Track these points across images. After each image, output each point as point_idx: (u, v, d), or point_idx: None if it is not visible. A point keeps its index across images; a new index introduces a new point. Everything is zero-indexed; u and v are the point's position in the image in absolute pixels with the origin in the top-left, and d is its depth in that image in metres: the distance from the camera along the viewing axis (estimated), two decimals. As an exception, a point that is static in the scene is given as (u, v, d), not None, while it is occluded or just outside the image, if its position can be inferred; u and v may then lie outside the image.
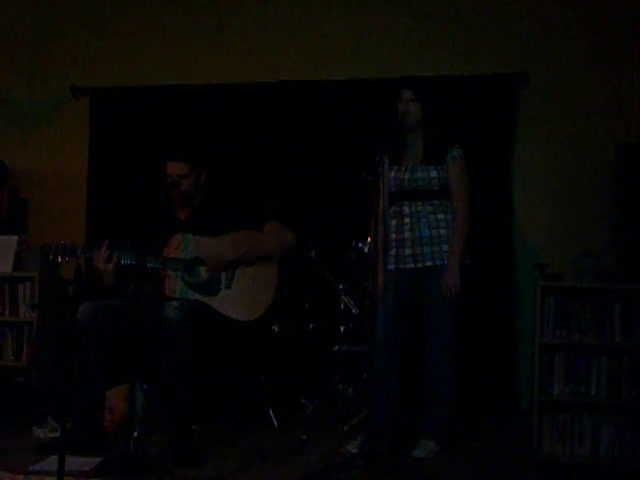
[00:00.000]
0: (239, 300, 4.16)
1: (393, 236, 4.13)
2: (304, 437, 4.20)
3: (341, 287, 4.77)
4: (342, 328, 4.76)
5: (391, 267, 4.11)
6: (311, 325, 4.87)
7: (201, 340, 3.94)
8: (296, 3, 5.61)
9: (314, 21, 5.57)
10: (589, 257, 4.85)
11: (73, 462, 3.49)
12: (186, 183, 4.28)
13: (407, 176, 4.11)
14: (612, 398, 4.70)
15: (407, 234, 4.10)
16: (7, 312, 5.33)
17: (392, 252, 4.13)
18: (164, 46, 5.73)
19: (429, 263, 4.07)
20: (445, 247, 4.06)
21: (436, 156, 4.11)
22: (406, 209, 4.11)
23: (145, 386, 4.39)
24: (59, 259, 4.04)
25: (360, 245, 4.74)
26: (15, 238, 5.35)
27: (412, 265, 4.10)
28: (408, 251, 4.10)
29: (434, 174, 4.07)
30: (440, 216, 4.08)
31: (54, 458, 3.25)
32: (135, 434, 3.90)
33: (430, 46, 5.39)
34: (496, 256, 5.13)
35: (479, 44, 5.34)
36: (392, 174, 4.16)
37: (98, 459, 3.64)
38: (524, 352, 5.09)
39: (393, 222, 4.14)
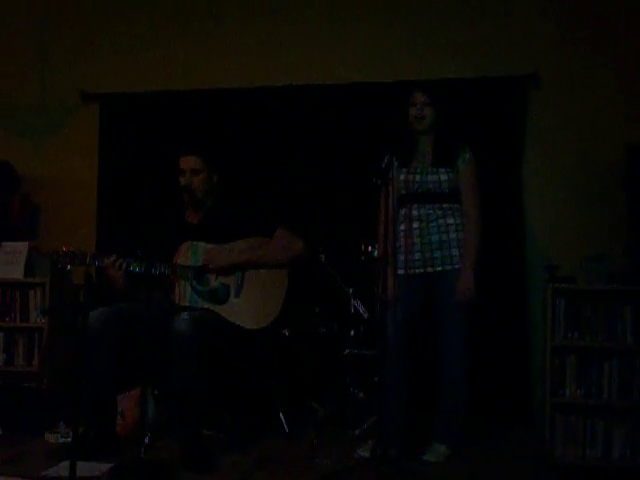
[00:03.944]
0: (248, 308, 4.17)
1: (402, 241, 4.12)
2: (315, 441, 4.20)
3: (351, 291, 4.76)
4: (352, 332, 4.75)
5: (401, 272, 4.10)
6: (321, 329, 4.86)
7: (211, 348, 3.94)
8: (304, 7, 5.61)
9: (323, 25, 5.56)
10: (600, 259, 4.83)
11: (85, 467, 3.51)
12: (198, 180, 4.29)
13: (417, 179, 4.11)
14: (624, 400, 4.68)
15: (416, 239, 4.09)
16: (18, 318, 5.35)
17: (401, 257, 4.12)
18: (173, 52, 5.74)
19: (439, 268, 4.07)
20: (455, 251, 4.06)
21: (446, 158, 4.10)
22: (415, 212, 4.10)
23: (156, 391, 4.40)
24: (68, 267, 4.06)
25: (370, 249, 4.74)
26: (26, 244, 5.37)
27: (422, 270, 4.10)
28: (418, 256, 4.09)
29: (444, 177, 4.07)
30: (450, 220, 4.08)
31: (66, 463, 3.26)
32: (147, 439, 3.91)
33: (439, 49, 5.38)
34: (507, 258, 5.10)
35: (489, 46, 5.32)
36: (402, 176, 4.15)
37: (110, 464, 3.65)
38: (536, 355, 5.06)
39: (402, 226, 4.13)
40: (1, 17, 6.03)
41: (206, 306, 4.14)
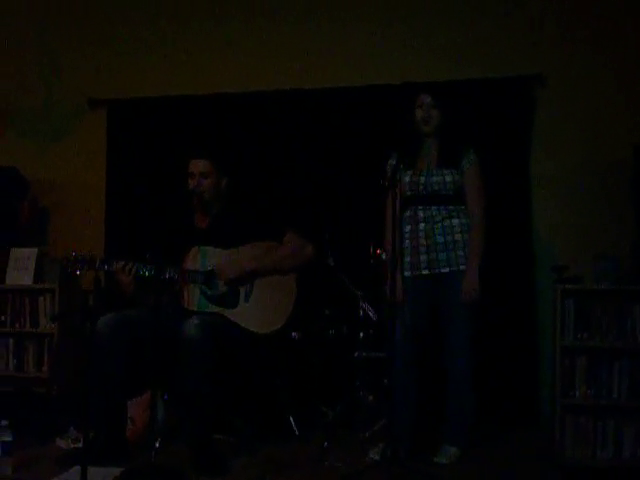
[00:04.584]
0: (258, 313, 4.17)
1: (408, 242, 4.13)
2: (325, 444, 4.20)
3: (360, 293, 4.76)
4: (361, 334, 4.75)
5: (407, 273, 4.11)
6: (331, 332, 4.86)
7: (221, 352, 3.95)
8: (308, 10, 5.61)
9: (326, 28, 5.56)
10: (608, 259, 4.82)
11: (96, 472, 3.51)
12: (207, 184, 4.29)
13: (422, 180, 4.11)
14: (634, 400, 4.67)
15: (422, 240, 4.10)
16: (28, 324, 5.36)
17: (407, 259, 4.12)
18: (180, 56, 5.75)
19: (445, 269, 4.08)
20: (460, 252, 4.07)
21: (451, 160, 4.11)
22: (420, 214, 4.11)
23: (166, 396, 4.41)
24: (78, 271, 4.06)
25: (378, 251, 4.74)
26: (35, 250, 5.38)
27: (427, 271, 4.10)
28: (423, 257, 4.10)
29: (449, 178, 4.08)
30: (455, 221, 4.09)
31: (77, 469, 3.28)
32: (157, 444, 3.92)
33: (445, 50, 5.37)
34: (515, 259, 5.10)
35: (494, 47, 5.31)
36: (407, 178, 4.15)
37: (120, 469, 3.66)
38: (545, 355, 5.06)
39: (408, 228, 4.14)
40: (7, 22, 6.06)
41: (215, 310, 4.15)
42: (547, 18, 5.28)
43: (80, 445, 4.17)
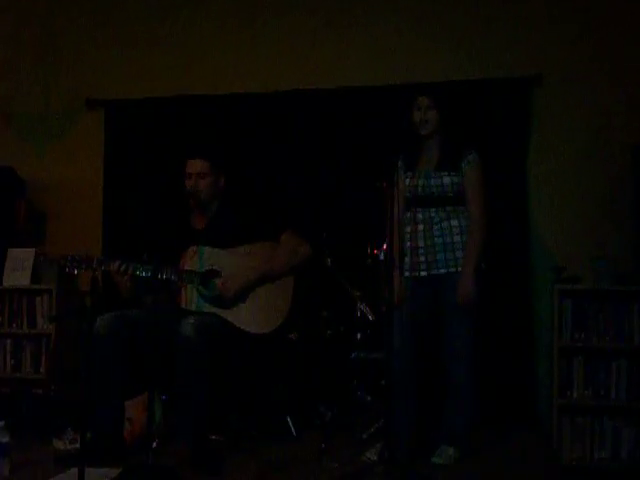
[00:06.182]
0: (255, 313, 4.17)
1: (408, 243, 4.13)
2: (323, 445, 4.19)
3: (358, 294, 4.76)
4: (359, 335, 4.75)
5: (406, 274, 4.10)
6: (328, 332, 4.86)
7: (218, 353, 3.94)
8: (308, 11, 5.61)
9: (326, 29, 5.56)
10: (606, 259, 4.83)
11: (93, 473, 3.51)
12: (204, 184, 4.28)
13: (421, 182, 4.11)
14: (632, 401, 4.67)
15: (421, 241, 4.10)
16: (25, 324, 5.36)
17: (407, 259, 4.12)
18: (177, 57, 5.74)
19: (443, 270, 4.07)
20: (459, 254, 4.06)
21: (451, 161, 4.10)
22: (419, 216, 4.11)
23: (164, 396, 4.40)
24: (75, 271, 4.06)
25: (375, 251, 4.73)
26: (32, 251, 5.38)
27: (426, 273, 4.10)
28: (422, 258, 4.10)
29: (447, 180, 4.07)
30: (454, 222, 4.08)
31: (74, 469, 3.26)
32: (154, 444, 3.91)
33: (443, 51, 5.37)
34: (512, 260, 5.09)
35: (492, 48, 5.31)
36: (406, 180, 4.15)
37: (118, 470, 3.64)
38: (542, 356, 5.06)
39: (407, 229, 4.14)
40: (5, 23, 6.05)
41: (212, 311, 4.15)
42: (546, 18, 5.28)
43: (78, 446, 4.16)
